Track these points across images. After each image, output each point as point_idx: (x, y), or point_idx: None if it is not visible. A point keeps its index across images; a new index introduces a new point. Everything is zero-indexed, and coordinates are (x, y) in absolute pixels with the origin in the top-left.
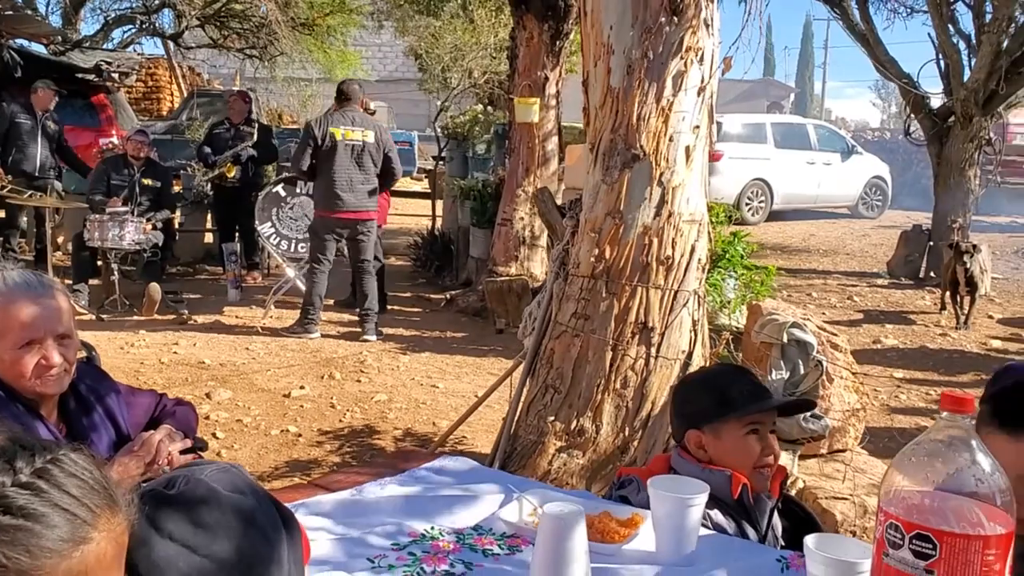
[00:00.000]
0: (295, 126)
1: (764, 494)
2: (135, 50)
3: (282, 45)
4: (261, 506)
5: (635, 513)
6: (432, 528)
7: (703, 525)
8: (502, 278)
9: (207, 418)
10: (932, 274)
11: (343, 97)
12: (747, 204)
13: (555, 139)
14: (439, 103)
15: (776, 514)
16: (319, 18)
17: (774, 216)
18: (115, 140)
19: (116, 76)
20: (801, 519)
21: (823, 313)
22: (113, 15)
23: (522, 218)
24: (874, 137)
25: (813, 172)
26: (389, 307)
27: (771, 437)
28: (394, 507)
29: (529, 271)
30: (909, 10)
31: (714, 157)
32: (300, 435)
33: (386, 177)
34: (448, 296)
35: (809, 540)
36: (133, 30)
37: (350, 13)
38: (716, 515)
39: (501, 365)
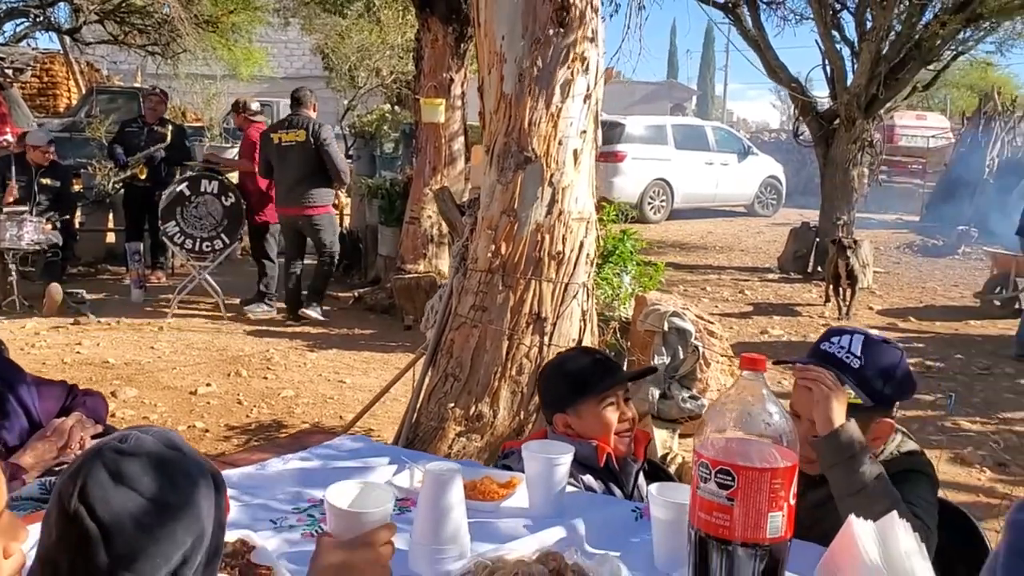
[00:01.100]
0: (199, 124)
1: (630, 458)
2: (29, 44)
3: (185, 42)
4: (197, 461)
5: (513, 476)
6: None
7: (575, 486)
8: (410, 275)
9: (113, 415)
10: (819, 269)
11: (293, 103)
12: (649, 203)
13: (461, 139)
14: (346, 102)
15: (642, 476)
16: (223, 15)
17: (675, 215)
18: (9, 138)
19: (9, 72)
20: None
21: (716, 306)
22: (4, 8)
23: (430, 216)
24: (770, 138)
25: (711, 172)
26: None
27: (625, 404)
28: (295, 478)
29: (437, 268)
30: (798, 17)
31: (618, 158)
32: (207, 431)
33: (328, 175)
34: (356, 294)
35: (653, 488)
36: (27, 24)
37: (255, 10)
38: (588, 479)
39: (409, 360)
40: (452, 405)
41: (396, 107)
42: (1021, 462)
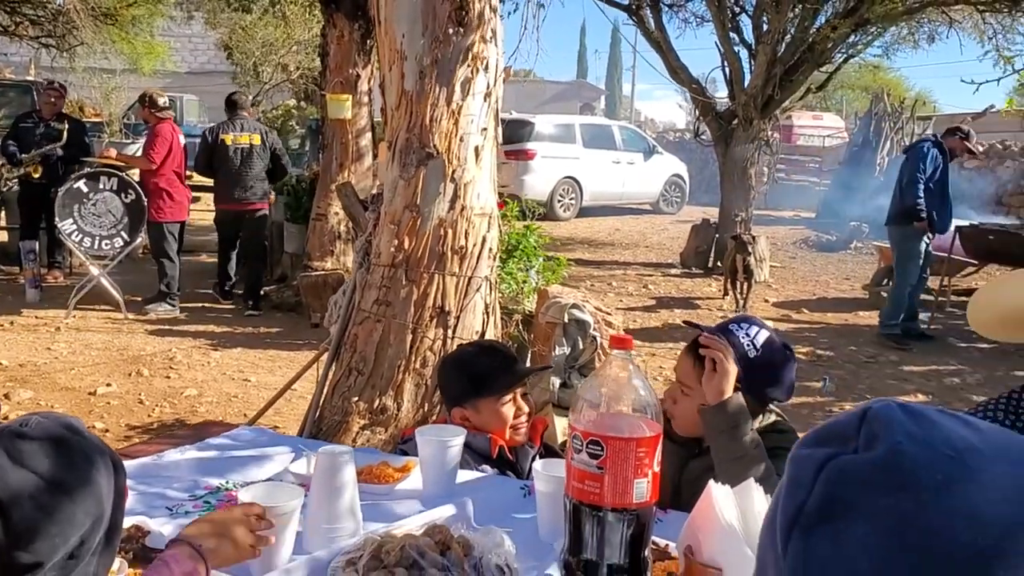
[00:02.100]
0: (98, 119)
1: (527, 445)
2: None
3: (82, 34)
4: (97, 443)
5: (408, 460)
6: (226, 482)
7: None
8: (317, 273)
9: (6, 418)
10: (719, 264)
11: (232, 107)
12: (559, 201)
13: (369, 135)
14: (251, 97)
15: (538, 460)
16: (122, 8)
17: (584, 212)
18: None
19: None
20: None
21: (621, 300)
22: None
23: (337, 213)
24: (675, 138)
25: (618, 171)
26: (201, 304)
27: (523, 399)
28: (192, 467)
29: (345, 265)
30: (699, 19)
31: (528, 156)
32: (107, 430)
33: (276, 173)
34: (262, 292)
35: (537, 464)
36: None
37: (157, 4)
38: (485, 467)
39: (312, 355)
40: (356, 399)
41: (302, 103)
42: None
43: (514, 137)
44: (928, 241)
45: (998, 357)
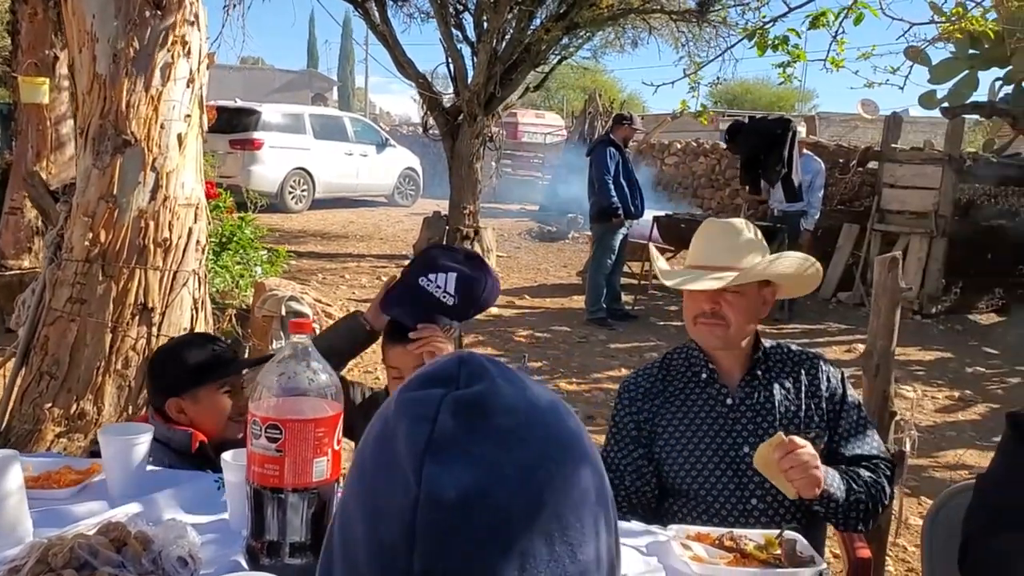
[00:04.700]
0: None
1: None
2: None
3: None
4: None
5: (94, 463)
6: None
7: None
8: (12, 272)
9: None
10: None
11: None
12: (290, 192)
13: (70, 122)
14: None
15: (229, 451)
16: None
17: (317, 204)
18: None
19: None
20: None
21: (353, 292)
22: None
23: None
24: (410, 131)
25: (352, 163)
26: None
27: (242, 391)
28: None
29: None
30: (424, 15)
31: (255, 145)
32: None
33: None
34: None
35: (226, 454)
36: None
37: None
38: (181, 465)
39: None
40: (49, 405)
41: None
42: (604, 414)
43: (240, 126)
44: (626, 231)
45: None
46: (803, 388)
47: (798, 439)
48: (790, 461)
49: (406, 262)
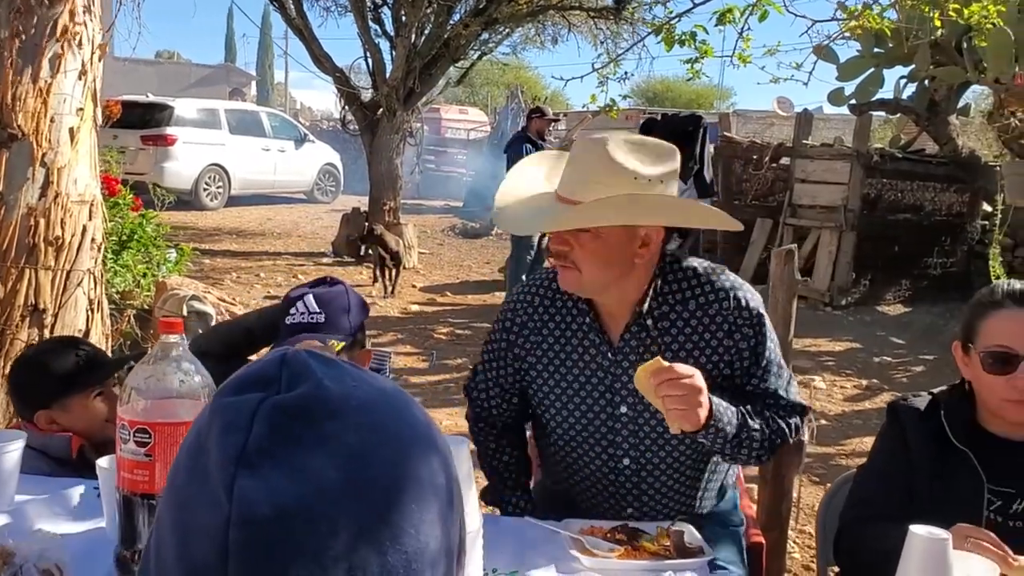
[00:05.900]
0: None
1: None
2: None
3: None
4: None
5: None
6: None
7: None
8: None
9: None
10: (370, 251)
11: None
12: (205, 189)
13: None
14: None
15: (105, 457)
16: None
17: (234, 201)
18: None
19: None
20: None
21: (268, 291)
22: None
23: None
24: (330, 127)
25: (269, 159)
26: None
27: (116, 397)
28: None
29: None
30: (343, 9)
31: (168, 141)
32: None
33: None
34: None
35: (103, 461)
36: None
37: None
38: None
39: None
40: None
41: None
42: None
43: (152, 122)
44: None
45: None
46: (705, 327)
47: (681, 367)
48: (667, 389)
49: (324, 259)
